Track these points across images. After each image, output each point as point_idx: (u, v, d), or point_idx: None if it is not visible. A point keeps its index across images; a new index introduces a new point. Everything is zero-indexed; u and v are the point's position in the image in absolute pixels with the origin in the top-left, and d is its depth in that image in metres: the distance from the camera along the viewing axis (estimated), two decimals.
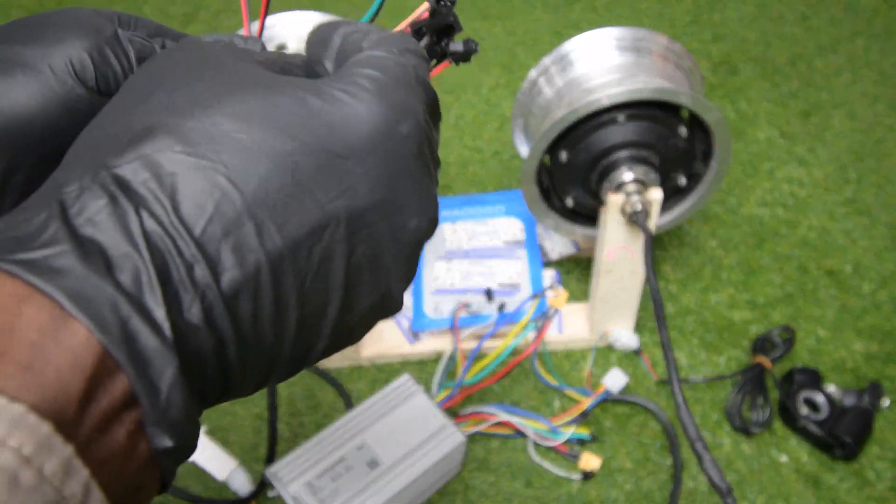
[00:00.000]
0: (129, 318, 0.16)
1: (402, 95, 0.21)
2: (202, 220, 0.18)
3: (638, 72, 0.68)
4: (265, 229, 0.18)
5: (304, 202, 0.19)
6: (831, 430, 0.66)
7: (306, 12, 0.72)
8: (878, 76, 1.09)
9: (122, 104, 0.21)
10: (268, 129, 0.19)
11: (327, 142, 0.20)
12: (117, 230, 0.17)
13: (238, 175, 0.18)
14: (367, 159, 0.20)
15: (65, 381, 0.15)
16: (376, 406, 0.64)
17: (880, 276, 0.82)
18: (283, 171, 0.19)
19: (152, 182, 0.18)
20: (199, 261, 0.18)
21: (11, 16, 1.29)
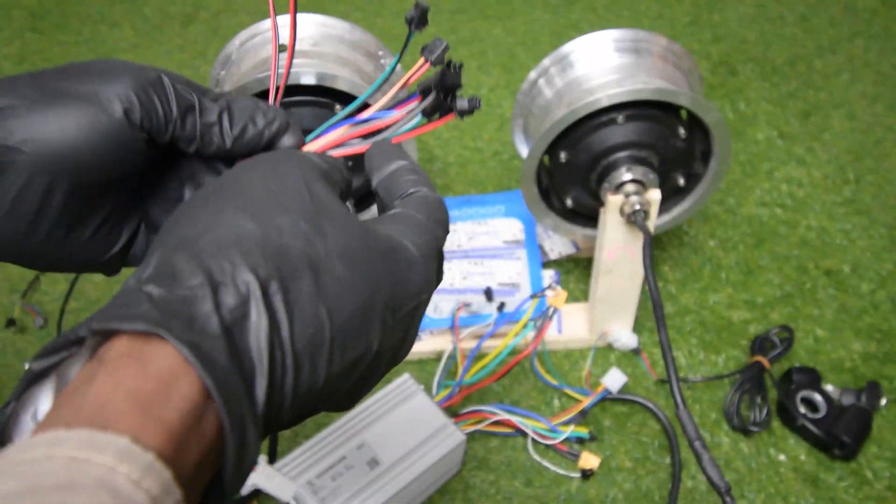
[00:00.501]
0: (245, 415, 0.22)
1: (434, 268, 0.29)
2: (302, 341, 0.23)
3: (637, 72, 0.69)
4: (334, 356, 0.24)
5: (360, 340, 0.25)
6: (829, 430, 0.66)
7: (305, 14, 0.73)
8: (876, 76, 1.10)
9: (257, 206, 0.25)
10: (361, 277, 0.25)
11: (390, 298, 0.26)
12: (254, 338, 0.22)
13: (335, 312, 0.24)
14: (403, 315, 0.27)
15: (192, 447, 0.20)
16: (376, 405, 0.64)
17: (879, 276, 0.82)
18: (360, 315, 0.25)
19: (282, 301, 0.23)
20: (290, 373, 0.23)
21: (12, 17, 1.29)
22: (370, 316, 0.25)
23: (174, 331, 0.21)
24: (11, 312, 0.80)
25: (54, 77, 0.29)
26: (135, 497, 0.18)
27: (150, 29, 1.25)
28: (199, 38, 1.23)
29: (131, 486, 0.18)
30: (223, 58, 0.75)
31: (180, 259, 0.23)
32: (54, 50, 1.21)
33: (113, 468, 0.18)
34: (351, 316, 0.24)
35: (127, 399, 0.20)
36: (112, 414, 0.19)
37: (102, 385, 0.20)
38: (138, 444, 0.19)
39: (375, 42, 0.76)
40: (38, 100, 0.28)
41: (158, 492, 0.19)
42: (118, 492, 0.18)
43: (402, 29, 1.23)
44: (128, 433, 0.19)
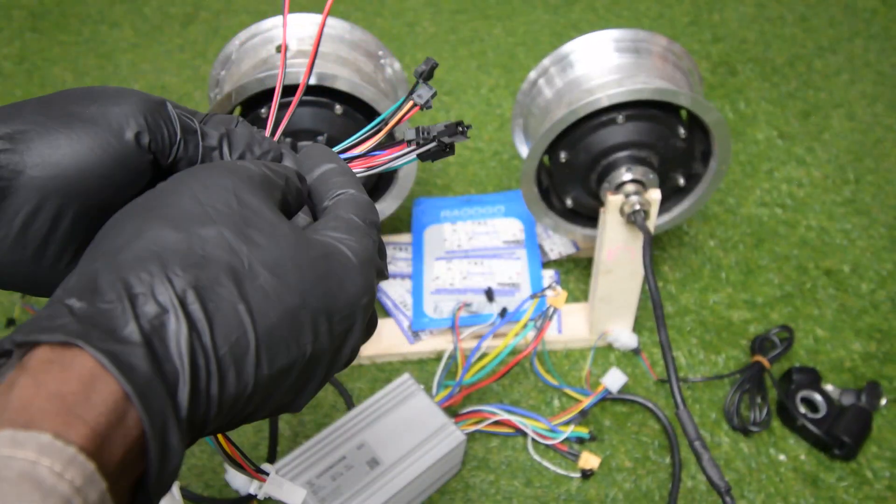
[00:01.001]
0: (168, 419, 0.22)
1: (373, 272, 0.29)
2: (225, 346, 0.24)
3: (637, 72, 0.69)
4: (261, 362, 0.25)
5: (290, 346, 0.25)
6: (829, 430, 0.66)
7: (305, 14, 0.73)
8: (876, 76, 1.10)
9: (182, 217, 0.26)
10: (288, 285, 0.25)
11: (319, 303, 0.26)
12: (173, 345, 0.23)
13: (258, 317, 0.24)
14: (340, 320, 0.27)
15: (114, 446, 0.21)
16: (376, 405, 0.64)
17: (879, 276, 0.82)
18: (288, 321, 0.25)
19: (200, 309, 0.23)
20: (214, 377, 0.23)
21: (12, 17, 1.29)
22: (300, 322, 0.25)
23: (92, 340, 0.21)
24: (11, 312, 0.80)
25: (61, 102, 0.29)
26: (58, 487, 0.19)
27: (150, 29, 1.25)
28: (200, 38, 1.23)
29: (55, 478, 0.19)
30: (223, 58, 0.75)
31: (101, 272, 0.24)
32: (54, 50, 1.21)
33: (35, 461, 0.19)
34: (278, 322, 0.25)
35: (48, 399, 0.20)
36: (34, 414, 0.20)
37: (24, 388, 0.21)
38: (60, 439, 0.20)
39: (375, 42, 0.76)
40: (47, 124, 0.28)
41: (82, 483, 0.20)
42: (41, 483, 0.19)
43: (402, 29, 1.23)
44: (50, 430, 0.20)
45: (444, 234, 0.85)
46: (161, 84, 1.13)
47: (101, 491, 0.20)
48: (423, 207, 0.90)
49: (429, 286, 0.80)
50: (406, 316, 0.78)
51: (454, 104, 1.08)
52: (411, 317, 0.78)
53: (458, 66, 1.15)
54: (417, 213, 0.89)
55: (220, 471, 0.67)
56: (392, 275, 0.83)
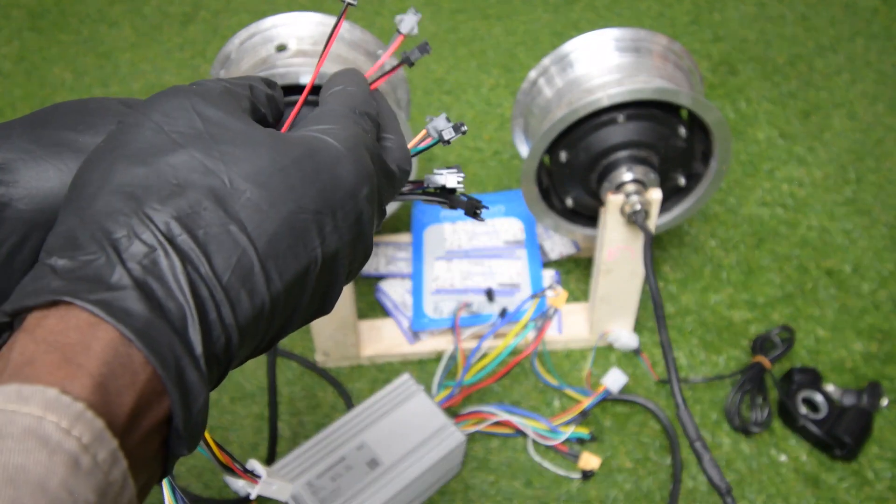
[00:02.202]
0: (181, 357, 0.21)
1: (366, 158, 0.27)
2: (227, 271, 0.23)
3: (638, 72, 0.69)
4: (271, 275, 0.24)
5: (298, 252, 0.24)
6: (830, 430, 0.66)
7: (305, 13, 0.73)
8: (877, 76, 1.10)
9: (147, 150, 0.24)
10: (278, 192, 0.24)
11: (317, 203, 0.25)
12: (170, 282, 0.22)
13: (254, 233, 0.23)
14: (340, 216, 0.26)
15: (123, 396, 0.20)
16: (376, 406, 0.64)
17: (880, 276, 0.82)
18: (288, 229, 0.24)
19: (190, 239, 0.23)
20: (224, 304, 0.23)
21: (11, 16, 1.29)
22: (300, 226, 0.24)
23: (81, 294, 0.21)
24: None
25: (52, 126, 0.28)
26: (64, 444, 0.18)
27: (149, 28, 1.25)
28: (199, 38, 1.23)
29: (61, 434, 0.18)
30: (222, 57, 0.74)
31: (77, 226, 0.23)
32: (53, 49, 1.21)
33: (41, 417, 0.18)
34: (276, 233, 0.24)
35: (48, 353, 0.20)
36: (37, 368, 0.20)
37: (24, 345, 0.20)
38: (66, 394, 0.19)
39: (375, 41, 0.76)
40: (36, 153, 0.27)
41: (90, 439, 0.19)
42: (47, 439, 0.18)
43: None
44: (55, 385, 0.19)
45: (444, 234, 0.85)
46: (161, 83, 1.13)
47: (112, 449, 0.19)
48: (423, 207, 0.89)
49: (429, 286, 0.80)
50: (406, 316, 0.78)
51: (454, 103, 1.08)
52: (411, 317, 0.78)
53: (458, 66, 1.15)
54: (417, 213, 0.89)
55: (219, 472, 0.67)
56: (392, 275, 0.83)
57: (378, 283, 0.82)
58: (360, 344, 0.75)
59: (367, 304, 0.81)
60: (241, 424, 0.71)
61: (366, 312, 0.80)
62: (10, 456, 0.18)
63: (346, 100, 0.29)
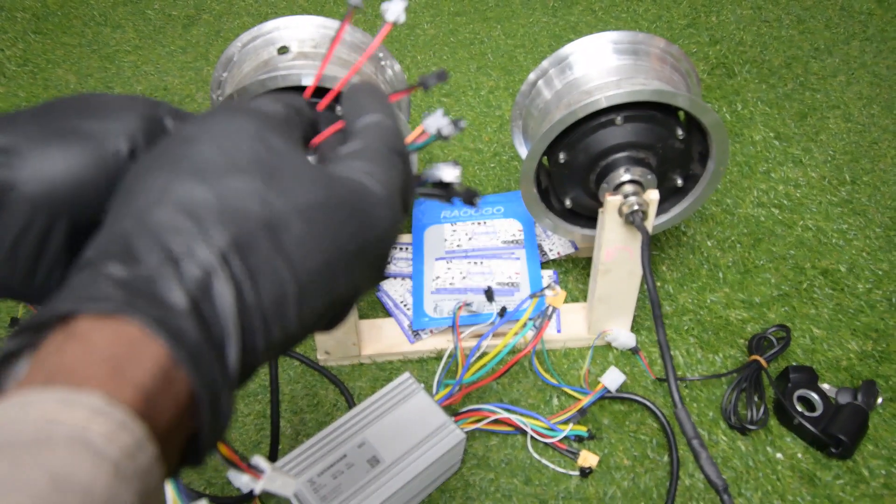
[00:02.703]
0: (217, 384, 0.22)
1: (399, 203, 0.28)
2: (269, 304, 0.24)
3: (636, 74, 0.69)
4: (303, 311, 0.25)
5: (330, 289, 0.25)
6: (826, 428, 0.67)
7: (307, 16, 0.73)
8: (872, 78, 1.11)
9: (209, 169, 0.25)
10: (323, 232, 0.25)
11: (356, 245, 0.26)
12: (220, 306, 0.23)
13: (298, 269, 0.24)
14: (370, 258, 0.27)
15: (164, 410, 0.21)
16: (377, 404, 0.64)
17: (875, 276, 0.83)
18: (325, 267, 0.25)
19: (243, 267, 0.23)
20: (260, 333, 0.24)
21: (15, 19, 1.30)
22: (337, 266, 0.25)
23: (140, 308, 0.21)
24: (16, 311, 0.81)
25: (57, 113, 0.28)
26: (107, 451, 0.19)
27: (152, 31, 1.26)
28: (202, 40, 1.24)
29: (104, 441, 0.19)
30: (225, 59, 0.75)
31: (134, 234, 0.23)
32: (57, 52, 1.21)
33: (86, 425, 0.19)
34: (316, 270, 0.25)
35: (99, 361, 0.20)
36: (85, 375, 0.20)
37: (74, 350, 0.21)
38: (111, 402, 0.20)
39: None
40: (41, 137, 0.27)
41: (132, 447, 0.19)
42: (91, 446, 0.19)
43: (403, 31, 1.24)
44: (101, 392, 0.20)
45: (444, 235, 0.86)
46: (163, 86, 1.14)
47: (151, 456, 0.20)
48: (423, 208, 0.90)
49: (429, 286, 0.80)
50: (406, 315, 0.79)
51: (454, 105, 1.09)
52: (412, 316, 0.78)
53: (458, 68, 1.16)
54: (418, 213, 0.89)
55: (222, 468, 0.68)
56: (392, 275, 0.83)
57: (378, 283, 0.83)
58: (361, 343, 0.76)
59: (368, 304, 0.82)
60: (244, 422, 0.72)
61: (366, 312, 0.81)
62: (54, 462, 0.18)
63: (386, 138, 0.30)
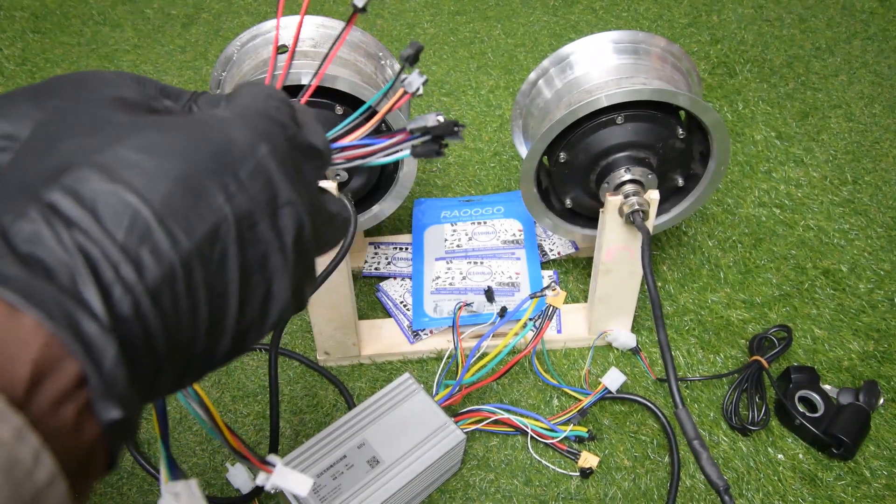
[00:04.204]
0: (73, 311, 0.20)
1: (261, 124, 0.27)
2: (121, 230, 0.22)
3: (636, 73, 0.69)
4: (174, 234, 0.22)
5: (201, 209, 0.23)
6: (827, 429, 0.66)
7: (308, 16, 0.73)
8: (874, 77, 1.10)
9: (38, 147, 0.24)
10: (165, 155, 0.23)
11: (212, 161, 0.24)
12: (53, 244, 0.21)
13: (146, 193, 0.22)
14: (244, 175, 0.25)
15: (16, 364, 0.19)
16: (377, 405, 0.64)
17: (876, 276, 0.82)
18: (182, 187, 0.23)
19: (76, 205, 0.21)
20: (123, 262, 0.21)
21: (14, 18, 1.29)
22: (199, 185, 0.24)
23: None
24: None
25: (53, 94, 0.28)
26: None
27: (151, 30, 1.26)
28: (201, 39, 1.23)
29: None
30: (224, 59, 0.75)
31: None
32: (56, 51, 1.21)
33: None
34: (172, 191, 0.23)
35: None
36: None
37: None
38: None
39: (375, 43, 0.76)
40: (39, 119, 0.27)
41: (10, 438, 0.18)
42: None
43: (402, 30, 1.24)
44: None
45: (444, 235, 0.86)
46: None
47: (16, 427, 0.18)
48: (423, 208, 0.90)
49: (429, 286, 0.80)
50: (406, 316, 0.78)
51: (454, 105, 1.08)
52: (411, 316, 0.78)
53: (458, 67, 1.15)
54: (418, 213, 0.89)
55: (222, 469, 0.67)
56: (392, 275, 0.83)
57: (378, 283, 0.83)
58: (360, 343, 0.75)
59: (368, 304, 0.81)
60: (243, 423, 0.71)
61: (366, 312, 0.81)
62: None
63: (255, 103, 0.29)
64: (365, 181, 0.73)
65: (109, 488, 0.67)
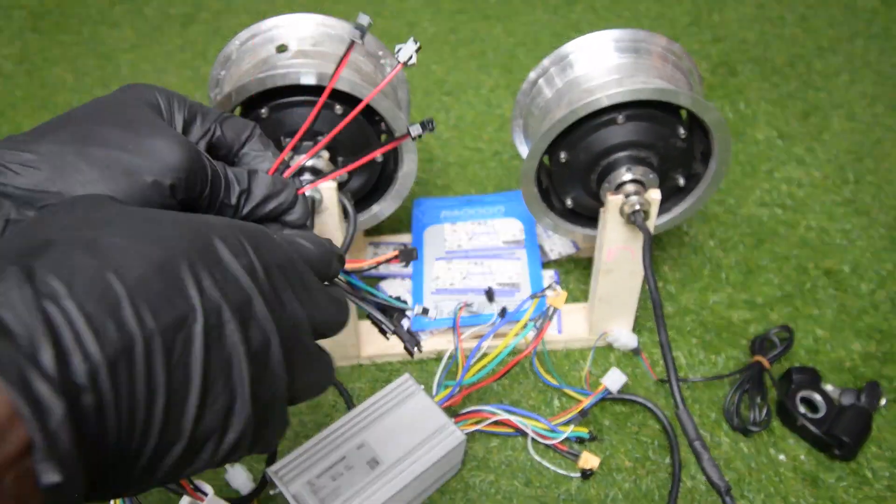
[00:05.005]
0: (26, 371, 0.20)
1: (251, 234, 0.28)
2: (91, 301, 0.22)
3: (637, 72, 0.69)
4: (142, 312, 0.23)
5: (172, 295, 0.24)
6: (829, 430, 0.66)
7: (306, 14, 0.73)
8: (876, 77, 1.10)
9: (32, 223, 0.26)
10: (147, 239, 0.24)
11: (189, 254, 0.25)
12: (19, 307, 0.21)
13: (123, 271, 0.23)
14: (219, 275, 0.25)
15: None
16: (377, 405, 0.64)
17: (878, 276, 0.82)
18: (158, 272, 0.24)
19: (52, 274, 0.22)
20: (86, 330, 0.22)
21: (12, 17, 1.29)
22: (174, 273, 0.24)
23: None
24: None
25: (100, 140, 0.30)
26: None
27: (150, 29, 1.25)
28: (200, 39, 1.23)
29: None
30: (223, 58, 0.75)
31: None
32: (54, 50, 1.21)
33: None
34: (147, 273, 0.23)
35: None
36: None
37: None
38: None
39: (376, 42, 0.76)
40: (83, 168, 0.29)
41: None
42: None
43: (402, 29, 1.24)
44: None
45: (444, 235, 0.86)
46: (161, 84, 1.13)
47: None
48: (423, 208, 0.90)
49: (429, 286, 0.80)
50: (406, 316, 0.78)
51: (454, 104, 1.08)
52: (411, 317, 0.78)
53: (458, 67, 1.15)
54: (417, 213, 0.89)
55: (221, 471, 0.67)
56: (392, 275, 0.83)
57: (378, 283, 0.82)
58: (360, 344, 0.75)
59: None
60: None
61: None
62: None
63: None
64: (365, 181, 0.72)
65: None
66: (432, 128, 0.36)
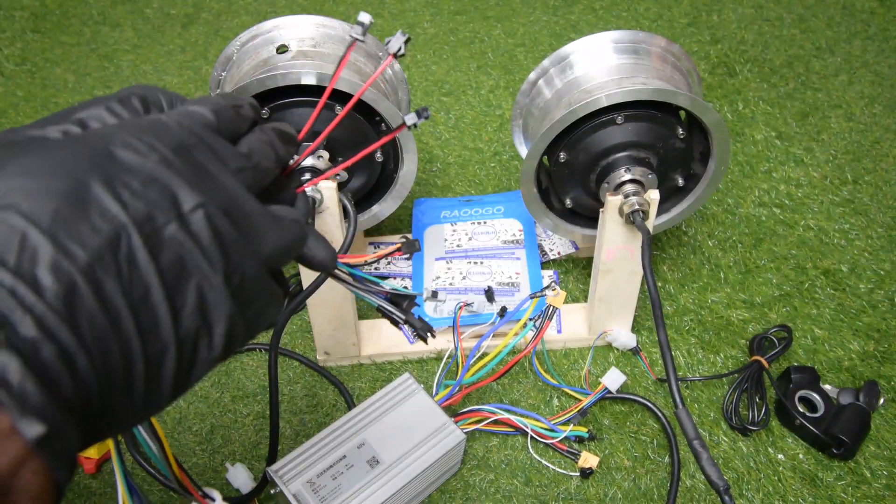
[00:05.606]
0: None
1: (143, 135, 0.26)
2: (12, 254, 0.21)
3: (636, 73, 0.69)
4: (69, 248, 0.22)
5: (93, 220, 0.23)
6: (828, 429, 0.66)
7: (306, 16, 0.73)
8: (874, 77, 1.10)
9: None
10: (48, 174, 0.23)
11: (98, 173, 0.24)
12: None
13: (32, 213, 0.22)
14: (136, 184, 0.24)
15: None
16: (377, 405, 0.64)
17: (877, 276, 0.82)
18: (69, 201, 0.22)
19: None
20: (19, 284, 0.21)
21: (14, 18, 1.29)
22: (87, 196, 0.23)
23: None
24: None
25: None
26: None
27: (151, 30, 1.26)
28: (200, 39, 1.23)
29: None
30: (224, 59, 0.75)
31: None
32: (55, 51, 1.21)
33: None
34: (57, 207, 0.22)
35: None
36: None
37: None
38: None
39: (376, 43, 0.76)
40: None
41: None
42: None
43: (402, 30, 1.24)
44: None
45: (444, 235, 0.86)
46: (162, 84, 1.13)
47: None
48: (423, 208, 0.90)
49: (429, 286, 0.80)
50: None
51: (454, 105, 1.08)
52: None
53: (458, 67, 1.15)
54: (417, 213, 0.89)
55: (222, 470, 0.67)
56: (392, 275, 0.83)
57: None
58: (360, 343, 0.75)
59: (368, 304, 0.81)
60: (243, 423, 0.71)
61: (366, 312, 0.81)
62: None
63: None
64: (365, 181, 0.72)
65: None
66: (427, 115, 0.35)
